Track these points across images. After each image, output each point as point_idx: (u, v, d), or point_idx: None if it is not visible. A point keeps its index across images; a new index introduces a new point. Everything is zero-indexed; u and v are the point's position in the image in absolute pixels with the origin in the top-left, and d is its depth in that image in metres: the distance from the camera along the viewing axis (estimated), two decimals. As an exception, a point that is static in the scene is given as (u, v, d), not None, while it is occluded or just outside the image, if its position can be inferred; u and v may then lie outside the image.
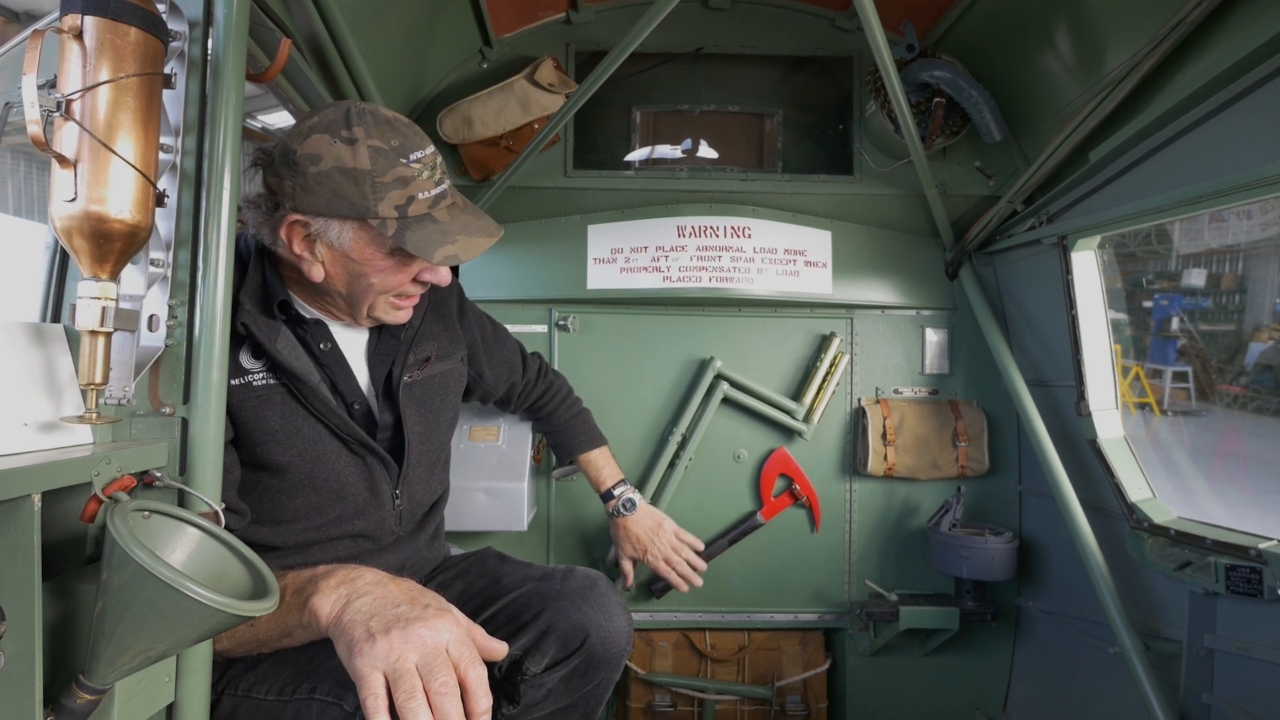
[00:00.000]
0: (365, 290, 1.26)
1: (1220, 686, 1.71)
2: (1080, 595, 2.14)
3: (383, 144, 1.16)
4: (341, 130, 1.16)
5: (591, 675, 1.38)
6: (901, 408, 2.43)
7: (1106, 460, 2.02)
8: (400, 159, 1.17)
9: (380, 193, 1.16)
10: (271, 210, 1.21)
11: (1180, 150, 1.68)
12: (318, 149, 1.15)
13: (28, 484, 0.82)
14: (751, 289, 2.41)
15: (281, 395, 1.27)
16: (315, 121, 1.18)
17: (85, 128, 0.92)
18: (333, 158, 1.15)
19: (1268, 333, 11.41)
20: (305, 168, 1.16)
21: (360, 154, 1.15)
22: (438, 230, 1.20)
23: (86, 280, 0.95)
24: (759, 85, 2.61)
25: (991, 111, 2.15)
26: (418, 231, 1.18)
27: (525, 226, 2.45)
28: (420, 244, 1.18)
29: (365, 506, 1.37)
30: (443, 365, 1.52)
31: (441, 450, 1.56)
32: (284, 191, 1.18)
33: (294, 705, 1.05)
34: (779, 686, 2.42)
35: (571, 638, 1.35)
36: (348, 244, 1.20)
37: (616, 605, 1.42)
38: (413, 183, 1.18)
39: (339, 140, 1.15)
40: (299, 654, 1.12)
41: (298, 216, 1.18)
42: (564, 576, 1.45)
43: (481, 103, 2.17)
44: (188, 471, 1.05)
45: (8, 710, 0.83)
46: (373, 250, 1.21)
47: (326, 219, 1.18)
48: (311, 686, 1.05)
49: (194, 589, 0.83)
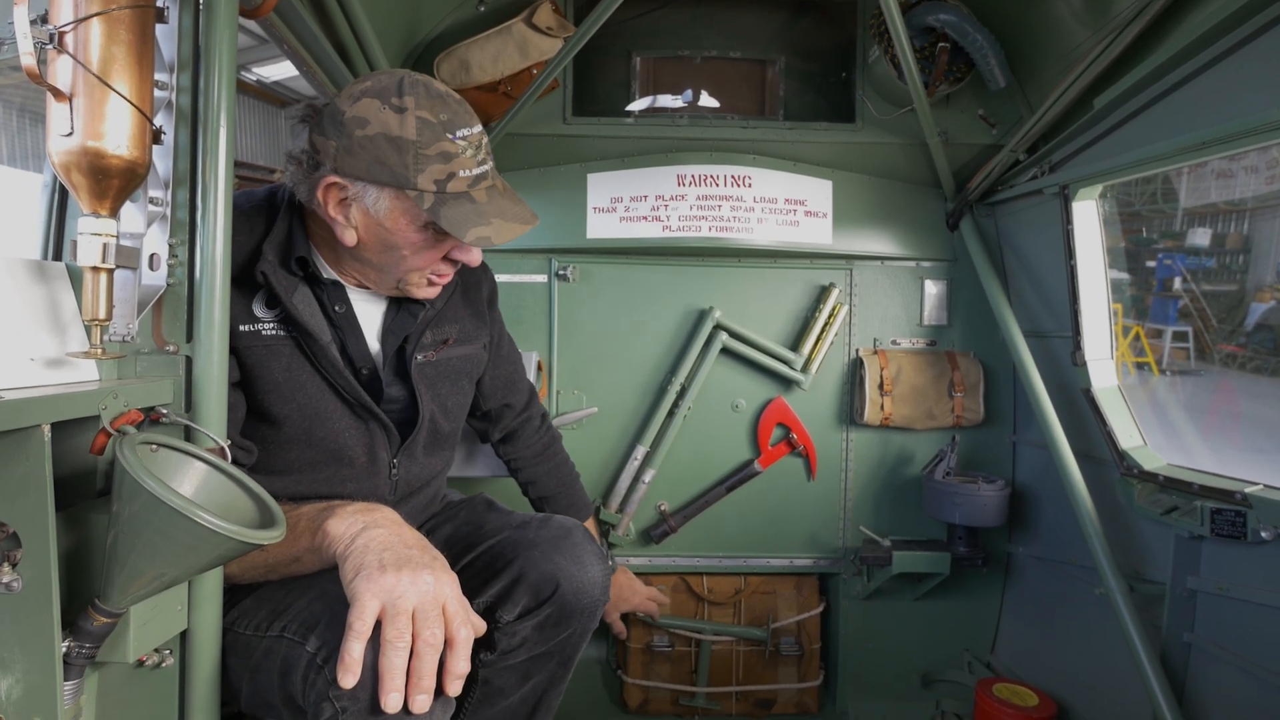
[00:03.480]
0: (397, 262, 1.25)
1: (1201, 626, 1.76)
2: (1069, 541, 2.19)
3: (431, 116, 1.15)
4: (392, 98, 1.15)
5: (564, 624, 1.38)
6: (899, 358, 2.45)
7: (1099, 408, 2.04)
8: (446, 134, 1.16)
9: (422, 164, 1.15)
10: (312, 169, 1.19)
11: (1184, 97, 1.66)
12: (366, 113, 1.15)
13: (37, 414, 0.84)
14: (751, 239, 2.41)
15: (290, 348, 1.27)
16: (368, 86, 1.17)
17: (79, 61, 0.91)
18: (380, 123, 1.14)
19: (1270, 293, 11.38)
20: (351, 130, 1.15)
21: (408, 123, 1.14)
22: (474, 210, 1.19)
23: (86, 216, 0.95)
24: (761, 30, 2.56)
25: (996, 57, 2.11)
26: (453, 209, 1.17)
27: (524, 175, 2.43)
28: (454, 221, 1.17)
29: (361, 471, 1.37)
30: (462, 349, 1.50)
31: (451, 435, 1.54)
32: (327, 151, 1.17)
33: (267, 641, 1.08)
34: (774, 628, 2.49)
35: (543, 587, 1.35)
36: (383, 212, 1.19)
37: (591, 555, 1.40)
38: (456, 159, 1.17)
39: (388, 107, 1.14)
40: (275, 592, 1.15)
41: (336, 179, 1.17)
42: (539, 525, 1.44)
43: (479, 47, 2.13)
44: (193, 409, 1.07)
45: (27, 631, 0.87)
46: (406, 222, 1.20)
47: (365, 184, 1.17)
48: (282, 625, 1.07)
49: (204, 516, 0.85)
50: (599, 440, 2.49)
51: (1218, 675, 1.72)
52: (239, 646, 1.17)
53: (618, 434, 2.48)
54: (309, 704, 1.02)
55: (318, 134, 1.18)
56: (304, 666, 1.02)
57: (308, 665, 1.02)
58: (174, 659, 1.06)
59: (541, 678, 1.45)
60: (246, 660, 1.11)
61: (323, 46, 1.65)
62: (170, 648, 1.06)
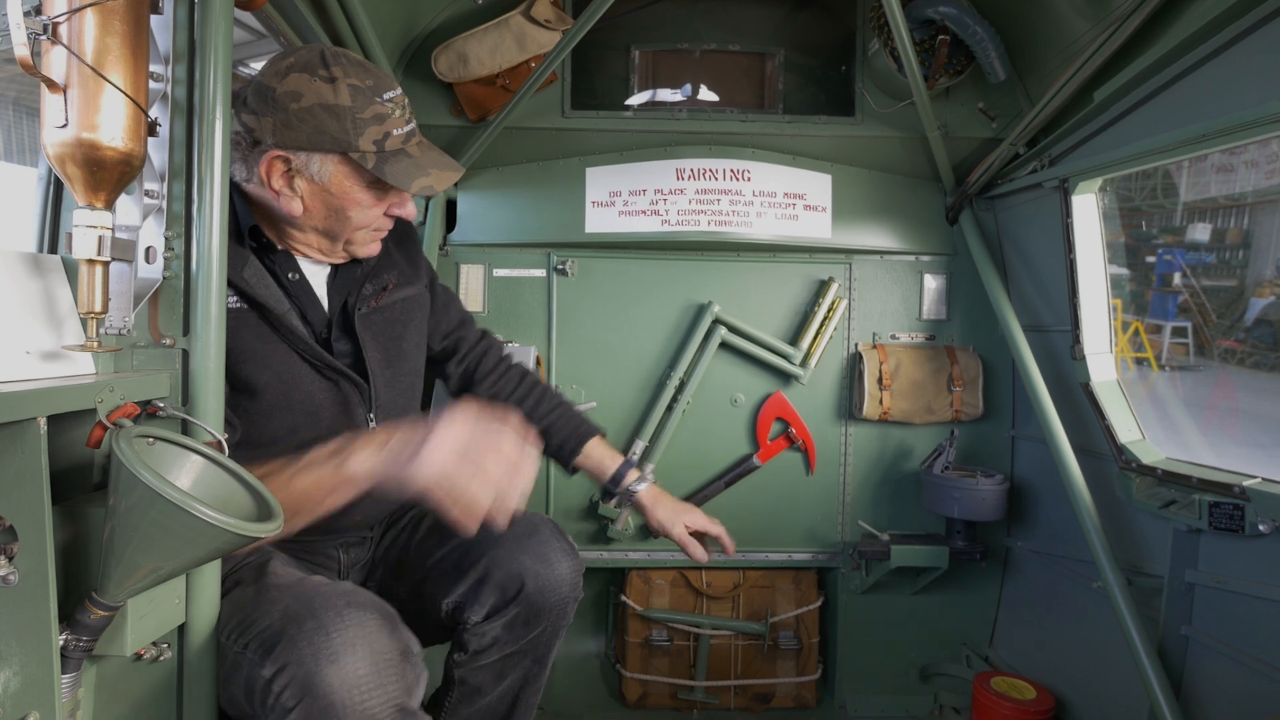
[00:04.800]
0: (344, 224, 1.30)
1: (1199, 619, 1.76)
2: (1067, 535, 2.19)
3: (359, 83, 1.21)
4: (319, 70, 1.20)
5: (534, 623, 1.39)
6: (898, 353, 2.45)
7: (1098, 402, 2.04)
8: (375, 97, 1.22)
9: (360, 128, 1.21)
10: (250, 147, 1.22)
11: (1185, 90, 1.66)
12: (298, 87, 1.19)
13: (32, 407, 0.83)
14: (750, 233, 2.40)
15: (254, 319, 1.28)
16: (291, 62, 1.21)
17: (73, 52, 0.91)
18: (314, 94, 1.19)
19: (1269, 288, 11.38)
20: (286, 104, 1.19)
21: (341, 91, 1.20)
22: (412, 164, 1.26)
23: (81, 209, 0.95)
24: (760, 23, 2.55)
25: (996, 49, 2.11)
26: (395, 164, 1.24)
27: (523, 169, 2.43)
28: (398, 175, 1.24)
29: (341, 428, 1.36)
30: (404, 292, 1.51)
31: (412, 375, 1.53)
32: (263, 128, 1.20)
33: (233, 654, 1.08)
34: (772, 622, 2.49)
35: (508, 586, 1.36)
36: (328, 177, 1.24)
37: (558, 551, 1.40)
38: (388, 120, 1.23)
39: (318, 79, 1.19)
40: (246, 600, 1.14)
41: (279, 152, 1.21)
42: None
43: (477, 39, 2.13)
44: (190, 402, 1.06)
45: (25, 624, 0.86)
46: (351, 183, 1.25)
47: (308, 153, 1.22)
48: (245, 642, 1.07)
49: (200, 509, 0.85)
50: (598, 435, 2.49)
51: (1215, 668, 1.72)
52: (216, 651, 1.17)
53: (616, 428, 2.48)
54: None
55: (247, 113, 1.21)
56: (260, 690, 1.02)
57: (264, 689, 1.01)
58: (172, 652, 1.06)
59: (517, 676, 1.45)
60: (221, 666, 1.11)
61: (319, 39, 1.65)
62: (168, 641, 1.06)
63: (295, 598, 1.08)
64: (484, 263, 2.45)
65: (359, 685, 0.99)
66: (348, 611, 1.03)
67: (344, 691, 0.98)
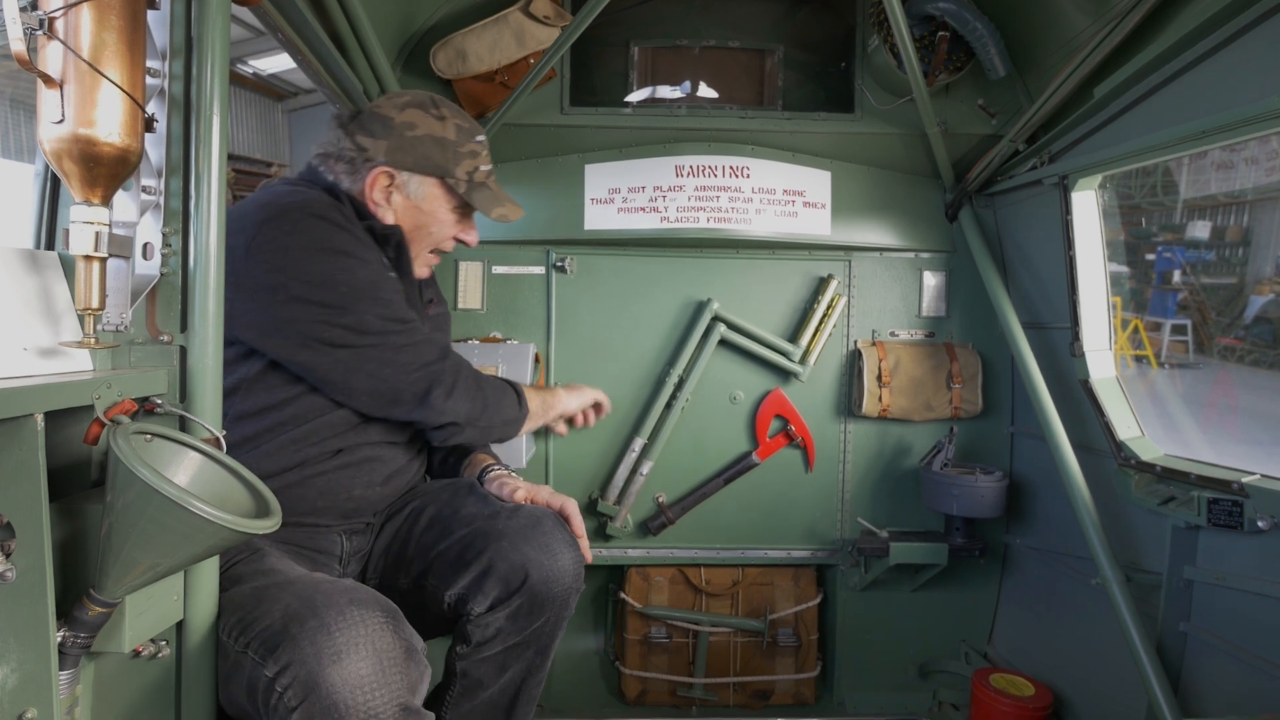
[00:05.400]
0: (424, 239, 1.51)
1: (1197, 615, 1.76)
2: (1066, 532, 2.19)
3: (463, 124, 1.49)
4: (432, 109, 1.46)
5: (537, 614, 1.40)
6: (897, 350, 2.45)
7: (1097, 399, 2.04)
8: (472, 138, 1.49)
9: (458, 160, 1.47)
10: (362, 163, 1.43)
11: (1185, 86, 1.65)
12: (414, 119, 1.44)
13: (30, 404, 0.83)
14: (750, 230, 2.40)
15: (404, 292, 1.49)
16: (408, 100, 1.47)
17: (70, 47, 0.90)
18: (427, 127, 1.44)
19: (1269, 286, 11.36)
20: (402, 131, 1.43)
21: (449, 128, 1.46)
22: (492, 196, 1.53)
23: (78, 205, 0.94)
24: (760, 20, 2.55)
25: (996, 45, 2.10)
26: (479, 194, 1.50)
27: (522, 166, 2.42)
28: (483, 202, 1.51)
29: None
30: (439, 309, 1.70)
31: None
32: (377, 149, 1.43)
33: (234, 654, 1.08)
34: (771, 619, 2.49)
35: (512, 578, 1.37)
36: (422, 196, 1.47)
37: (561, 543, 1.42)
38: (478, 157, 1.50)
39: (430, 115, 1.45)
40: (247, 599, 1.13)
41: (387, 169, 1.43)
42: (509, 515, 1.45)
43: (476, 36, 2.12)
44: (188, 399, 1.06)
45: (22, 621, 0.86)
46: (440, 205, 1.49)
47: (411, 173, 1.45)
48: (246, 641, 1.07)
49: (198, 505, 0.85)
50: (596, 432, 2.48)
51: (1213, 664, 1.72)
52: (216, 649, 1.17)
53: (615, 426, 2.48)
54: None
55: (363, 135, 1.43)
56: (263, 690, 1.01)
57: (266, 689, 1.01)
58: (171, 649, 1.06)
59: (519, 667, 1.46)
60: (222, 665, 1.11)
61: (318, 36, 1.64)
62: (167, 638, 1.05)
63: (296, 596, 1.07)
64: (482, 260, 2.45)
65: (362, 685, 0.99)
66: (350, 610, 1.03)
67: (347, 691, 0.97)
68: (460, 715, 1.46)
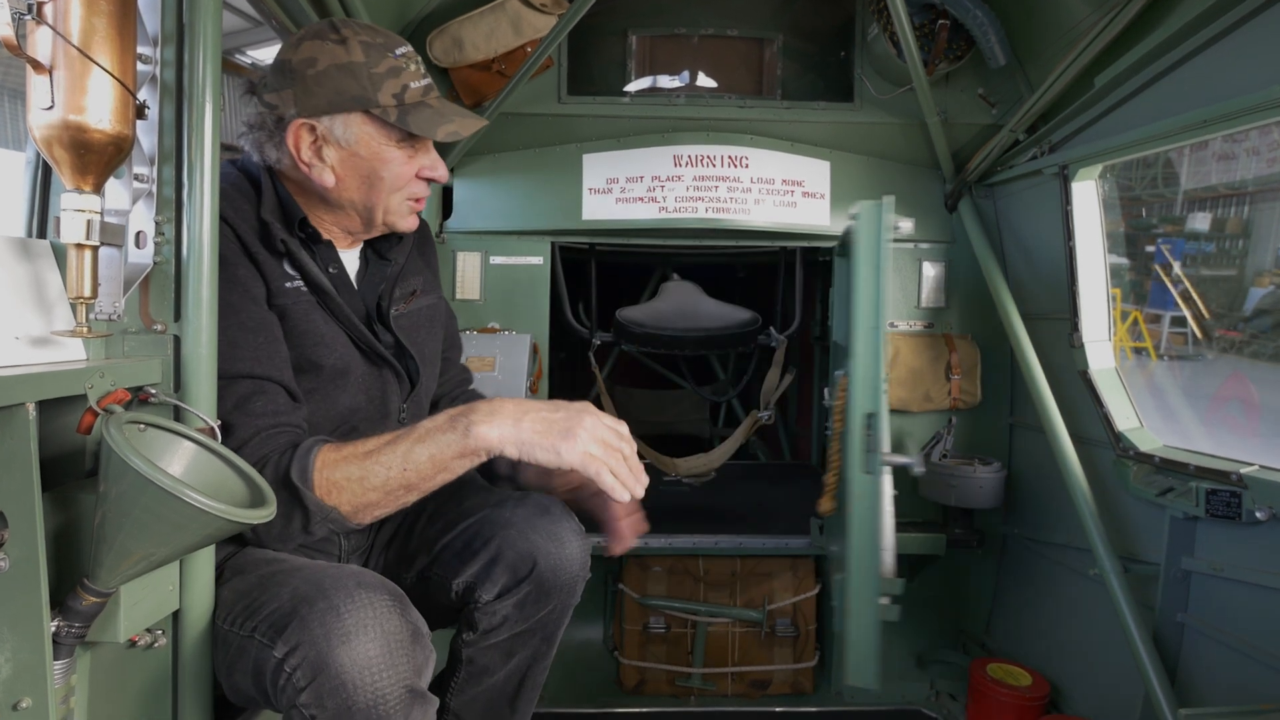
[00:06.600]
0: (378, 189, 1.30)
1: (1195, 606, 1.77)
2: (1064, 523, 2.19)
3: (370, 40, 1.23)
4: (330, 35, 1.22)
5: (544, 601, 1.40)
6: (896, 341, 2.44)
7: (1096, 390, 2.04)
8: (388, 52, 1.24)
9: (377, 82, 1.22)
10: (275, 124, 1.24)
11: (1186, 75, 1.64)
12: (312, 53, 1.22)
13: (21, 393, 0.83)
14: (748, 220, 2.39)
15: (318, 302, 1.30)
16: (303, 34, 1.25)
17: (59, 32, 0.89)
18: (328, 56, 1.21)
19: (1269, 278, 11.34)
20: (303, 71, 1.21)
21: (353, 49, 1.22)
22: (435, 113, 1.27)
23: (69, 192, 0.93)
24: (759, 8, 2.53)
25: (997, 33, 2.09)
26: (418, 115, 1.25)
27: (519, 155, 2.41)
28: (422, 124, 1.24)
29: (375, 416, 1.39)
30: (426, 300, 1.54)
31: (432, 378, 1.57)
32: (285, 101, 1.23)
33: (240, 639, 1.08)
34: (770, 610, 2.50)
35: (520, 566, 1.37)
36: (354, 138, 1.24)
37: (568, 531, 1.41)
38: (403, 73, 1.25)
39: (330, 42, 1.22)
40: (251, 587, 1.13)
41: (304, 120, 1.22)
42: (516, 503, 1.44)
43: (472, 23, 2.10)
44: (182, 388, 1.05)
45: (16, 611, 0.86)
46: (379, 142, 1.26)
47: (332, 116, 1.23)
48: (253, 625, 1.07)
49: (191, 495, 0.85)
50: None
51: (1211, 655, 1.73)
52: (217, 640, 1.17)
53: (614, 417, 2.47)
54: (281, 707, 1.02)
55: (268, 93, 1.24)
56: (272, 670, 1.01)
57: (275, 670, 1.00)
58: (166, 639, 1.06)
59: (525, 654, 1.46)
60: (224, 654, 1.11)
61: None
62: (163, 628, 1.05)
63: (305, 580, 1.07)
64: (481, 250, 2.44)
65: (370, 665, 0.99)
66: (358, 592, 1.03)
67: (355, 672, 0.97)
68: (465, 701, 1.46)
